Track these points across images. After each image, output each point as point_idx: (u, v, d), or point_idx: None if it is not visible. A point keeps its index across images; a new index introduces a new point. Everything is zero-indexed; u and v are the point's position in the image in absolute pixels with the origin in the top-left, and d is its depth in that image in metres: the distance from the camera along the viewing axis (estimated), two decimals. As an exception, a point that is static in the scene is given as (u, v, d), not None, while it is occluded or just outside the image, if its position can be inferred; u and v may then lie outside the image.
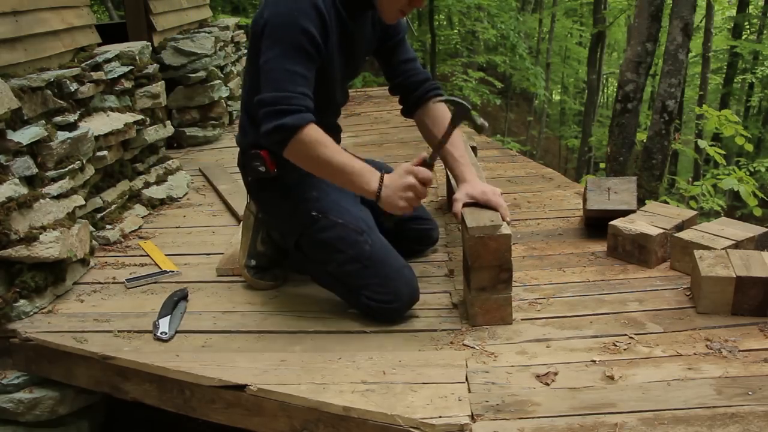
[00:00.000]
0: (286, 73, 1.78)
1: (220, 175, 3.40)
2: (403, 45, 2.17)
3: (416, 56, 2.20)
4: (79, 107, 2.59)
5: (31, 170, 2.16)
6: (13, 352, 1.99)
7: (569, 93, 19.04)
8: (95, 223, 2.63)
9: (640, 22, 5.15)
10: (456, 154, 2.06)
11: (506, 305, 1.87)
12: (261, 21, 1.85)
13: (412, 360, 1.72)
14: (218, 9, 9.01)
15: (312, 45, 1.81)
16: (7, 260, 2.02)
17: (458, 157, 2.06)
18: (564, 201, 2.88)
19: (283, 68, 1.78)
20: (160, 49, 3.96)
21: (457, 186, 2.05)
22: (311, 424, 1.59)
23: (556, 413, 1.48)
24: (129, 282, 2.28)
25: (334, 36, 1.90)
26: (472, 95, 9.54)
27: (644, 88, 5.46)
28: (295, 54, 1.79)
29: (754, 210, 4.90)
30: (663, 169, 5.23)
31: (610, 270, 2.20)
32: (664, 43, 5.42)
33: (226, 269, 2.32)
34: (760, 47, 13.04)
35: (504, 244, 1.79)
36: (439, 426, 1.46)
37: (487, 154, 3.58)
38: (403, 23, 2.15)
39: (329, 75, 1.96)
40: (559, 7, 15.49)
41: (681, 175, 11.12)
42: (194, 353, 1.83)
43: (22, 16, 2.45)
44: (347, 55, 2.00)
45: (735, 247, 2.06)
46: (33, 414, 1.99)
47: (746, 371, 1.60)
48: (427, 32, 11.00)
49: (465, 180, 2.03)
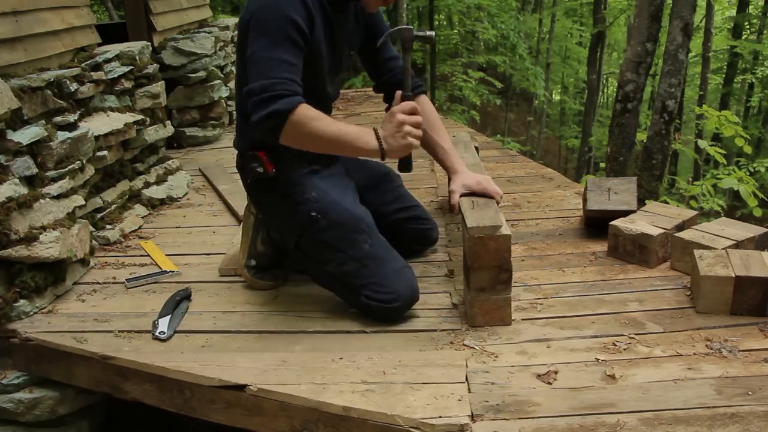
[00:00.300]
0: (273, 62, 1.78)
1: (220, 175, 3.41)
2: (387, 44, 2.22)
3: (398, 55, 2.22)
4: (79, 107, 2.59)
5: (31, 170, 2.16)
6: (13, 352, 1.99)
7: (569, 93, 19.05)
8: (95, 223, 2.63)
9: (640, 22, 5.15)
10: (445, 146, 2.16)
11: (506, 306, 1.87)
12: (246, 16, 1.87)
13: (412, 360, 1.72)
14: (218, 9, 9.02)
15: (298, 33, 1.81)
16: (7, 260, 2.02)
17: (447, 149, 2.16)
18: (564, 201, 2.88)
19: (269, 57, 1.78)
20: (160, 49, 3.96)
21: (450, 178, 2.13)
22: (311, 424, 1.59)
23: (556, 413, 1.48)
24: (129, 282, 2.28)
25: (319, 28, 1.91)
26: (471, 95, 9.55)
27: (644, 88, 5.47)
28: (281, 42, 1.79)
29: (754, 210, 4.90)
30: (663, 169, 5.23)
31: (610, 270, 2.20)
32: (664, 43, 5.42)
33: (229, 269, 2.32)
34: (760, 47, 13.04)
35: (504, 244, 1.79)
36: (439, 426, 1.46)
37: (487, 154, 3.58)
38: (385, 24, 2.23)
39: (318, 66, 1.98)
40: (559, 7, 15.49)
41: (681, 175, 11.12)
42: (194, 353, 1.83)
43: (22, 16, 2.45)
44: (332, 46, 2.02)
45: (735, 247, 2.06)
46: (33, 414, 1.99)
47: (746, 371, 1.60)
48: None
49: (457, 171, 2.12)
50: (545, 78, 13.92)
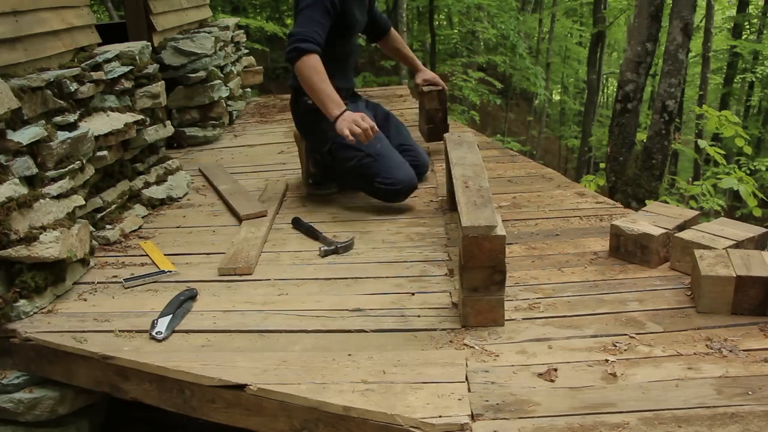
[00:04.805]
0: (309, 19, 2.68)
1: (220, 175, 3.40)
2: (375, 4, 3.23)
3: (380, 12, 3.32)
4: (79, 107, 2.59)
5: (31, 170, 2.16)
6: (13, 352, 1.99)
7: (569, 93, 19.04)
8: (95, 223, 2.63)
9: (640, 22, 5.15)
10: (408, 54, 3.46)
11: (499, 307, 1.86)
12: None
13: (412, 359, 1.72)
14: (218, 9, 9.02)
15: (332, 6, 2.72)
16: (7, 260, 2.02)
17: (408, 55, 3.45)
18: (564, 201, 2.87)
19: (308, 16, 2.68)
20: (160, 49, 3.96)
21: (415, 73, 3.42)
22: (311, 424, 1.59)
23: (556, 413, 1.48)
24: (126, 282, 2.28)
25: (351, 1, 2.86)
26: (471, 95, 9.54)
27: (644, 88, 5.47)
28: (319, 8, 2.69)
29: (754, 210, 4.90)
30: (663, 169, 5.22)
31: (610, 270, 2.20)
32: (664, 43, 5.42)
33: (228, 268, 2.32)
34: (760, 47, 13.03)
35: (498, 245, 1.78)
36: (439, 425, 1.46)
37: (487, 154, 3.57)
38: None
39: (350, 24, 2.90)
40: (559, 7, 15.48)
41: (681, 175, 11.12)
42: (194, 353, 1.83)
43: (22, 16, 2.45)
44: (360, 7, 2.97)
45: (735, 247, 2.06)
46: (33, 414, 1.99)
47: (746, 371, 1.60)
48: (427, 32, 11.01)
49: (419, 68, 3.42)
50: (545, 78, 13.91)
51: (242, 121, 4.76)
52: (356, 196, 3.06)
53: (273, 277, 2.28)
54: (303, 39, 2.63)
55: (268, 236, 2.65)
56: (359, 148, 2.71)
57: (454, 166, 2.34)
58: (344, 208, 2.92)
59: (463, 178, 2.17)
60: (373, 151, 2.75)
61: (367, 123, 2.55)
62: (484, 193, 2.02)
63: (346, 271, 2.29)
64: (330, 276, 2.27)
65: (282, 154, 3.80)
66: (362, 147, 2.71)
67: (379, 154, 2.77)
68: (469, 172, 2.24)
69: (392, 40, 3.39)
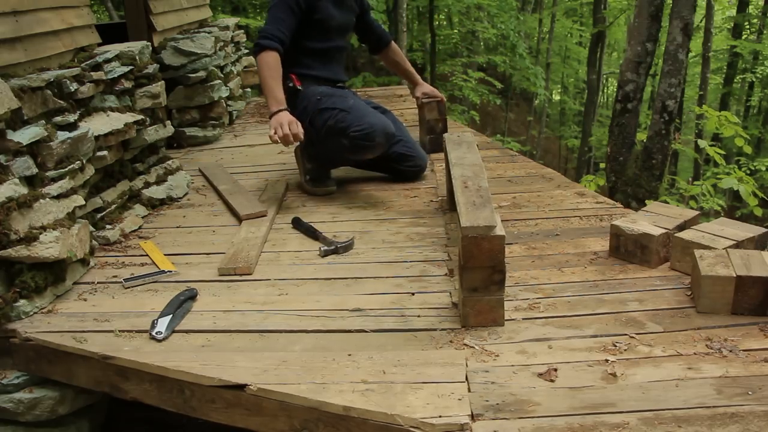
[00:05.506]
0: (274, 18, 2.93)
1: (220, 175, 3.40)
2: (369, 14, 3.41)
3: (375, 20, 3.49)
4: (79, 107, 2.59)
5: (31, 170, 2.16)
6: (13, 352, 1.99)
7: (569, 93, 19.04)
8: (95, 223, 2.63)
9: (640, 22, 5.15)
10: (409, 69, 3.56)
11: (498, 307, 1.86)
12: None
13: (412, 359, 1.72)
14: (218, 9, 9.01)
15: (296, 4, 2.94)
16: (7, 260, 2.02)
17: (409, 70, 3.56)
18: (564, 201, 2.87)
19: (273, 14, 2.94)
20: (160, 49, 3.96)
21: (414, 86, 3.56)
22: (311, 424, 1.59)
23: (556, 413, 1.48)
24: (126, 282, 2.28)
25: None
26: (471, 95, 9.54)
27: (644, 88, 5.47)
28: (282, 6, 2.93)
29: (754, 210, 4.91)
30: (663, 169, 5.23)
31: (610, 270, 2.20)
32: (664, 43, 5.42)
33: (228, 268, 2.32)
34: (760, 47, 13.03)
35: (498, 245, 1.78)
36: (439, 425, 1.46)
37: (487, 154, 3.57)
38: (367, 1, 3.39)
39: (324, 20, 3.03)
40: (559, 7, 15.49)
41: (681, 175, 11.12)
42: (194, 353, 1.83)
43: (22, 16, 2.45)
44: (339, 8, 3.11)
45: (735, 247, 2.06)
46: (33, 414, 1.99)
47: (746, 371, 1.60)
48: (427, 32, 11.01)
49: (418, 82, 3.54)
50: (545, 78, 13.91)
51: (242, 121, 4.76)
52: (356, 196, 3.06)
53: (273, 277, 2.29)
54: (264, 36, 2.88)
55: (268, 236, 2.65)
56: (334, 106, 2.93)
57: (453, 166, 2.34)
58: (344, 208, 2.92)
59: (462, 178, 2.17)
60: (345, 105, 2.93)
61: (294, 130, 2.72)
62: (483, 194, 2.02)
63: (346, 271, 2.29)
64: (330, 276, 2.27)
65: (282, 154, 3.80)
66: (337, 104, 2.93)
67: (352, 107, 2.93)
68: (469, 172, 2.24)
69: (392, 53, 3.50)
